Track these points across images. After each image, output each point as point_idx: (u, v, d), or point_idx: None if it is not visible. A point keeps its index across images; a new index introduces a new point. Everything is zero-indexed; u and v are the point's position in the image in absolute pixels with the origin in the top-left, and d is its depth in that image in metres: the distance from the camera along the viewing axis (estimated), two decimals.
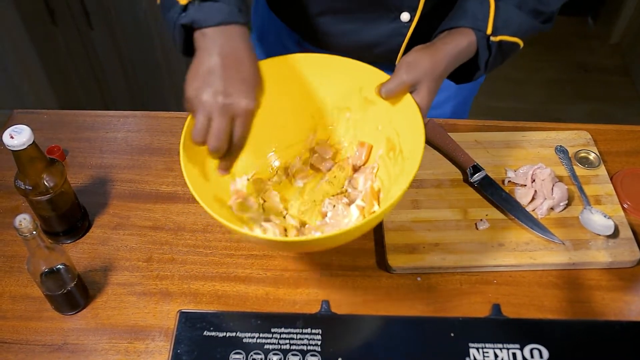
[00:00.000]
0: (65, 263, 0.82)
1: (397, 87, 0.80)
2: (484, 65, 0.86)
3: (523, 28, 0.87)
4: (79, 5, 1.87)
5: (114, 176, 1.04)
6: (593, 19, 3.01)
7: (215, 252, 0.93)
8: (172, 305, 0.87)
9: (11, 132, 0.80)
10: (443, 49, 0.82)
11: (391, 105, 0.84)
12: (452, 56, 0.82)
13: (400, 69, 0.80)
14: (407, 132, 0.82)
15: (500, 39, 0.85)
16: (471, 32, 0.84)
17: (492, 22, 0.84)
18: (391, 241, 0.92)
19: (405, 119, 0.82)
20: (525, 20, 0.87)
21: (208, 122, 0.71)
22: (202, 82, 0.72)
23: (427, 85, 0.80)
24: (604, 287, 0.88)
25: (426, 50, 0.81)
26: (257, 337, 0.81)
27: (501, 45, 0.86)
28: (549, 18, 0.90)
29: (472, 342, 0.80)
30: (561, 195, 0.95)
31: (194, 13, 0.74)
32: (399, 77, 0.80)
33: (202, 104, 0.71)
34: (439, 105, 1.19)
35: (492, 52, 0.85)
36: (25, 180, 0.85)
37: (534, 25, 0.88)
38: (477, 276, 0.90)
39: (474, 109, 1.28)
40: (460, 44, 0.83)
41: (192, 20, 0.74)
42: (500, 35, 0.85)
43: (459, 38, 0.83)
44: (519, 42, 0.88)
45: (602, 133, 1.09)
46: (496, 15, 0.84)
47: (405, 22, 0.96)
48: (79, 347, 0.83)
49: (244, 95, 0.71)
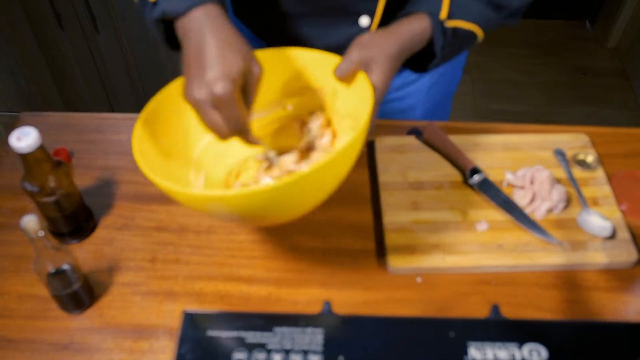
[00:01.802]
0: (71, 263, 0.82)
1: (349, 66, 0.80)
2: (440, 52, 0.86)
3: (481, 17, 0.87)
4: (85, 9, 1.89)
5: (119, 178, 1.05)
6: (591, 23, 3.02)
7: (219, 252, 0.94)
8: (176, 305, 0.88)
9: (18, 135, 0.80)
10: (396, 30, 0.82)
11: (348, 89, 0.84)
12: (406, 37, 0.82)
13: (352, 48, 0.80)
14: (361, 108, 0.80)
15: (455, 24, 0.85)
16: (426, 16, 0.84)
17: (446, 7, 0.84)
18: (391, 242, 0.93)
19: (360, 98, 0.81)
20: (481, 9, 0.87)
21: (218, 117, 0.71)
22: (187, 81, 0.71)
23: (380, 63, 0.79)
24: (602, 288, 0.89)
25: (380, 32, 0.82)
26: (260, 337, 0.82)
27: (456, 31, 0.85)
28: (513, 13, 0.90)
29: (472, 342, 0.81)
30: (559, 197, 0.96)
31: (163, 5, 0.74)
32: (349, 56, 0.80)
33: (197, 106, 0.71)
34: (408, 110, 1.20)
35: (448, 39, 0.85)
36: (32, 182, 0.86)
37: (493, 17, 0.88)
38: (477, 277, 0.91)
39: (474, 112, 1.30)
40: (414, 26, 0.83)
41: (162, 12, 0.74)
42: (455, 19, 0.85)
43: (413, 21, 0.84)
44: (477, 31, 0.87)
45: (600, 135, 1.09)
46: (451, 0, 0.84)
47: (364, 26, 0.96)
48: (84, 346, 0.84)
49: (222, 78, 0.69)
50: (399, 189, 1.00)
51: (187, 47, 0.72)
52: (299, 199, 0.75)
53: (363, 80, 0.80)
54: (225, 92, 0.69)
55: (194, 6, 0.72)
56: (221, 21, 0.73)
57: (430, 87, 1.18)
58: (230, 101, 0.70)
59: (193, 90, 0.70)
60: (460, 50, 0.89)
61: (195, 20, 0.73)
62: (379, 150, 1.06)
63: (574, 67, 2.84)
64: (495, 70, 2.82)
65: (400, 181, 1.01)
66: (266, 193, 0.68)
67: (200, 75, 0.70)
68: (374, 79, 0.79)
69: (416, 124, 1.12)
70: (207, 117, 0.71)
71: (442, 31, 0.84)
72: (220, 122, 0.71)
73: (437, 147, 1.05)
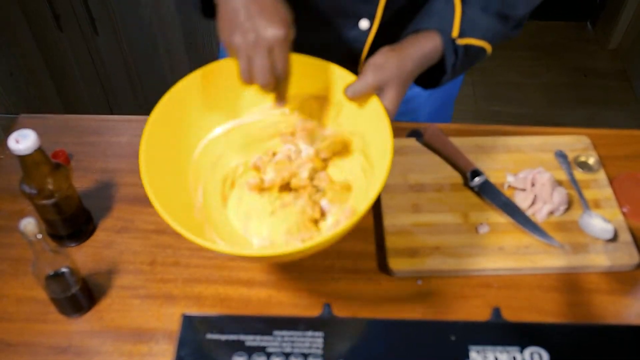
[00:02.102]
0: (69, 266, 0.82)
1: (363, 88, 0.80)
2: (450, 70, 0.86)
3: (490, 32, 0.86)
4: (85, 11, 1.89)
5: (118, 180, 1.05)
6: (592, 24, 3.02)
7: (218, 255, 0.93)
8: (176, 308, 0.88)
9: (17, 137, 0.80)
10: (409, 51, 0.82)
11: (357, 108, 0.83)
12: (418, 59, 0.82)
13: (367, 70, 0.80)
14: (375, 138, 0.81)
15: (466, 42, 0.84)
16: (437, 35, 0.83)
17: (458, 25, 0.83)
18: (392, 245, 0.93)
19: (371, 123, 0.81)
20: (491, 23, 0.86)
21: (249, 62, 0.72)
22: (230, 26, 0.72)
23: (394, 87, 0.79)
24: (604, 291, 0.89)
25: (393, 53, 0.81)
26: (260, 340, 0.82)
27: (467, 49, 0.85)
28: (518, 24, 0.89)
29: (473, 345, 0.80)
30: (561, 200, 0.96)
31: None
32: (365, 78, 0.80)
33: (236, 47, 0.72)
34: (410, 113, 1.20)
35: (459, 56, 0.85)
36: (30, 185, 0.86)
37: (501, 30, 0.88)
38: (478, 279, 0.90)
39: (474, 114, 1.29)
40: (426, 46, 0.83)
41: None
42: (467, 38, 0.84)
43: (424, 40, 0.83)
44: (486, 47, 0.87)
45: (601, 137, 1.09)
46: (462, 18, 0.84)
47: (364, 29, 0.96)
48: (83, 349, 0.84)
49: (272, 25, 0.71)
50: (400, 192, 1.00)
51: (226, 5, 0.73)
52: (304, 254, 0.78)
53: (376, 105, 0.80)
54: (278, 36, 0.71)
55: None
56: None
57: (431, 92, 1.17)
58: (283, 43, 0.72)
59: (239, 34, 0.71)
60: (470, 66, 0.89)
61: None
62: None
63: (575, 68, 2.84)
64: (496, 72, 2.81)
65: (401, 183, 1.01)
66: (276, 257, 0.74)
67: (249, 23, 0.71)
68: (386, 103, 0.79)
69: (417, 126, 1.11)
70: (253, 60, 0.72)
71: (453, 49, 0.84)
72: (267, 65, 0.72)
73: (437, 149, 1.05)
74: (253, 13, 0.72)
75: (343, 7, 0.94)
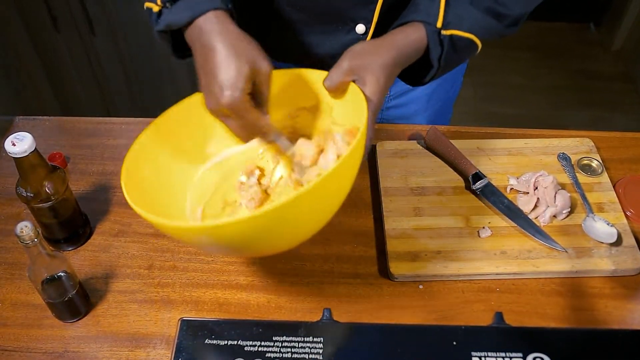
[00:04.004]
0: (66, 270, 0.81)
1: (339, 75, 0.77)
2: (437, 62, 0.83)
3: (478, 26, 0.84)
4: (82, 12, 1.88)
5: (115, 183, 1.04)
6: (595, 26, 3.02)
7: (217, 259, 0.93)
8: (174, 313, 0.87)
9: (13, 139, 0.79)
10: (390, 39, 0.80)
11: (344, 103, 0.80)
12: (400, 46, 0.79)
13: (343, 57, 0.78)
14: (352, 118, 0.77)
15: (451, 33, 0.82)
16: (421, 26, 0.81)
17: (442, 16, 0.81)
18: (393, 249, 0.92)
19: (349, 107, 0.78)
20: (479, 17, 0.84)
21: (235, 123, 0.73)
22: (202, 91, 0.73)
23: (373, 73, 0.76)
24: (607, 295, 0.88)
25: (372, 41, 0.80)
26: (259, 346, 0.81)
27: (453, 40, 0.82)
28: (513, 22, 0.87)
29: (475, 351, 0.79)
30: (564, 203, 0.95)
31: (166, 17, 0.74)
32: (339, 65, 0.77)
33: (213, 113, 0.73)
34: (409, 117, 1.18)
35: (445, 48, 0.82)
36: (26, 188, 0.85)
37: (492, 26, 0.85)
38: (480, 284, 0.89)
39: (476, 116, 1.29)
40: (409, 35, 0.81)
41: (166, 24, 0.74)
42: (452, 29, 0.82)
43: (408, 30, 0.81)
44: (475, 40, 0.84)
45: (604, 140, 1.08)
46: (447, 9, 0.81)
47: (360, 33, 0.94)
48: (80, 355, 0.83)
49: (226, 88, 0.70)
50: (401, 195, 0.99)
51: (196, 58, 0.73)
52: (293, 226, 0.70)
53: (356, 91, 0.76)
54: (231, 102, 0.70)
55: (197, 15, 0.72)
56: (225, 25, 0.73)
57: (430, 95, 1.16)
58: (239, 109, 0.71)
59: (206, 100, 0.72)
60: (459, 61, 0.86)
61: (199, 29, 0.73)
62: (380, 155, 1.04)
63: (578, 70, 2.83)
64: (497, 73, 2.81)
65: (402, 187, 1.00)
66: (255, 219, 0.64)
67: (209, 85, 0.71)
68: (367, 90, 0.76)
69: (418, 129, 1.11)
70: (225, 124, 0.73)
71: (438, 41, 0.82)
72: (236, 128, 0.73)
73: (439, 152, 1.04)
74: (209, 76, 0.71)
75: (340, 12, 0.93)
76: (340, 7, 0.92)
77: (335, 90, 0.79)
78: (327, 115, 0.85)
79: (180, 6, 0.73)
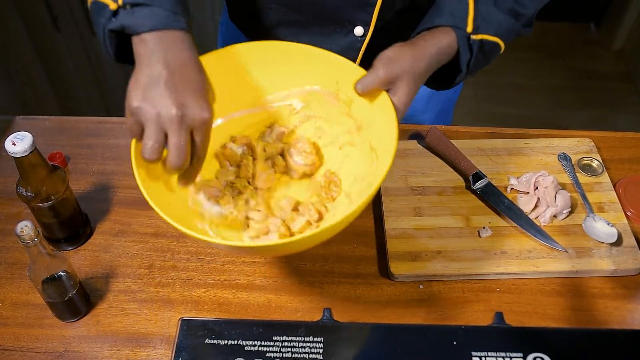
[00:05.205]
0: (66, 270, 0.81)
1: (374, 82, 0.76)
2: (465, 67, 0.82)
3: (503, 28, 0.83)
4: (82, 11, 1.88)
5: (115, 183, 1.04)
6: (596, 26, 3.01)
7: (217, 259, 0.93)
8: (174, 312, 0.87)
9: (13, 139, 0.79)
10: (424, 47, 0.78)
11: (367, 103, 0.79)
12: (432, 54, 0.78)
13: (378, 63, 0.76)
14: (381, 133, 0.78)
15: (481, 37, 0.81)
16: (451, 31, 0.80)
17: (472, 20, 0.80)
18: (393, 249, 0.91)
19: (379, 119, 0.78)
20: (504, 19, 0.83)
21: (163, 137, 0.67)
22: (149, 93, 0.67)
23: (406, 84, 0.75)
24: (608, 295, 0.88)
25: (407, 47, 0.78)
26: (259, 345, 0.81)
27: (482, 45, 0.82)
28: (529, 22, 0.87)
29: (475, 351, 0.79)
30: (564, 203, 0.95)
31: (124, 18, 0.70)
32: (375, 72, 0.75)
33: (153, 117, 0.66)
34: (408, 118, 1.18)
35: (474, 52, 0.82)
36: (27, 187, 0.85)
37: (514, 26, 0.85)
38: (480, 284, 0.89)
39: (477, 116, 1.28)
40: (441, 42, 0.79)
41: (121, 25, 0.70)
42: (481, 34, 0.81)
43: (439, 36, 0.80)
44: (500, 42, 0.84)
45: (605, 140, 1.08)
46: (475, 13, 0.80)
47: (359, 36, 0.94)
48: (80, 354, 0.83)
49: (199, 105, 0.67)
50: (401, 195, 0.99)
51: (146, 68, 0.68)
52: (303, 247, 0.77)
53: (385, 100, 0.76)
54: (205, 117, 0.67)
55: (159, 28, 0.69)
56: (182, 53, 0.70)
57: (431, 96, 1.16)
58: (208, 126, 0.68)
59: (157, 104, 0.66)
60: (484, 64, 0.85)
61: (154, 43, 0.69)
62: None
63: (579, 70, 2.83)
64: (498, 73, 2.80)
65: (402, 186, 1.00)
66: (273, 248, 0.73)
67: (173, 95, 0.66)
68: (396, 100, 0.75)
69: (418, 129, 1.10)
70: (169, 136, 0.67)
71: (467, 46, 0.81)
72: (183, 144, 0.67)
73: (439, 152, 1.04)
74: (179, 87, 0.67)
75: (337, 14, 0.93)
76: (337, 10, 0.92)
77: (365, 95, 0.78)
78: (345, 106, 0.83)
79: (142, 12, 0.69)
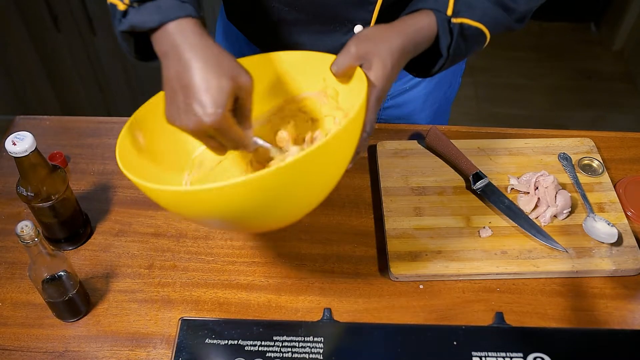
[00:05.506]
0: (66, 270, 0.81)
1: (346, 60, 0.75)
2: (446, 51, 0.82)
3: (488, 16, 0.82)
4: (82, 11, 1.88)
5: (116, 183, 1.04)
6: (596, 26, 3.01)
7: (217, 259, 0.93)
8: (174, 312, 0.87)
9: (13, 139, 0.79)
10: (399, 25, 0.78)
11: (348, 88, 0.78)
12: (409, 33, 0.78)
13: (350, 41, 0.76)
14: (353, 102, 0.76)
15: (461, 21, 0.81)
16: (431, 13, 0.80)
17: (452, 4, 0.80)
18: (393, 248, 0.91)
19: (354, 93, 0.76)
20: (490, 8, 0.82)
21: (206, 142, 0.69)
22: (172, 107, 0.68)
23: (380, 58, 0.74)
24: (608, 296, 0.88)
25: (383, 26, 0.78)
26: (259, 345, 0.81)
27: (463, 29, 0.81)
28: (521, 17, 0.86)
29: (475, 351, 0.80)
30: (564, 203, 0.95)
31: (133, 17, 0.69)
32: (347, 48, 0.75)
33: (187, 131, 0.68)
34: (406, 117, 1.18)
35: (454, 36, 0.81)
36: (27, 187, 0.85)
37: (503, 18, 0.84)
38: (480, 284, 0.89)
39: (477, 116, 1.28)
40: (419, 22, 0.79)
41: (130, 25, 0.70)
42: (462, 17, 0.81)
43: (417, 17, 0.80)
44: (485, 30, 0.83)
45: (605, 140, 1.08)
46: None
47: None
48: (80, 354, 0.83)
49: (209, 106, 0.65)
50: (401, 195, 0.99)
51: (167, 70, 0.68)
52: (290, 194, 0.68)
53: (360, 76, 0.74)
54: (215, 121, 0.66)
55: (167, 20, 0.68)
56: (200, 38, 0.68)
57: (428, 95, 1.16)
58: (223, 128, 0.67)
59: (182, 118, 0.67)
60: (468, 51, 0.85)
61: (171, 37, 0.68)
62: (380, 155, 1.04)
63: (579, 70, 2.83)
64: (498, 73, 2.80)
65: (402, 186, 1.00)
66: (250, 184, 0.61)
67: (187, 103, 0.66)
68: (372, 75, 0.74)
69: (418, 129, 1.10)
70: (203, 141, 0.69)
71: (448, 29, 0.81)
72: (217, 145, 0.70)
73: (439, 152, 1.04)
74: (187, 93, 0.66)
75: (337, 13, 0.93)
76: (337, 8, 0.92)
77: (343, 75, 0.78)
78: (334, 100, 0.83)
79: (149, 8, 0.68)
